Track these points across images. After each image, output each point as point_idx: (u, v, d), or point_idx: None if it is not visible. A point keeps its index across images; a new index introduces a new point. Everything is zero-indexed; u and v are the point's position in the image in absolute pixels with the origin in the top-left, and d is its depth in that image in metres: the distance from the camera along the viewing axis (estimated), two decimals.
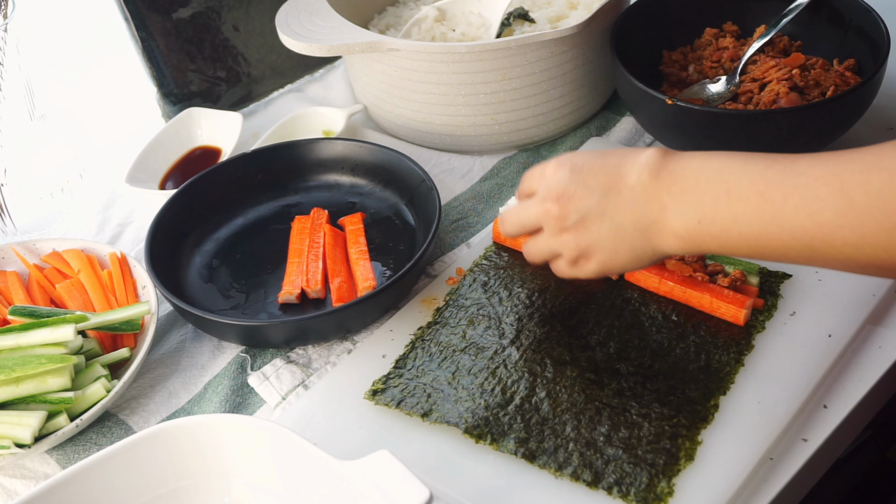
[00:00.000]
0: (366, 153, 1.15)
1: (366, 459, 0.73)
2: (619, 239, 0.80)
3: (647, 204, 0.78)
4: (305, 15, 1.20)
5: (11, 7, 1.05)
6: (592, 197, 0.80)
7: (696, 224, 0.76)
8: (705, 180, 0.76)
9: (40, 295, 1.03)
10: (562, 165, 0.83)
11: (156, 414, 0.96)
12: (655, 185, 0.78)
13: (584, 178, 0.81)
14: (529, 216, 0.86)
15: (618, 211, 0.79)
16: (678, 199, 0.77)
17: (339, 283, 1.02)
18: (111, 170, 1.28)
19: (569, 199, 0.81)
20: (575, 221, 0.82)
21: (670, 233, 0.78)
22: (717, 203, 0.75)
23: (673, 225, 0.77)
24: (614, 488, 0.80)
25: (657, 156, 0.79)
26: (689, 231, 0.77)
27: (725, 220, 0.75)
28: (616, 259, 0.82)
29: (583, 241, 0.82)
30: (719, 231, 0.75)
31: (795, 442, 0.84)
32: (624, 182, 0.79)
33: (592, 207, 0.80)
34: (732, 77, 1.13)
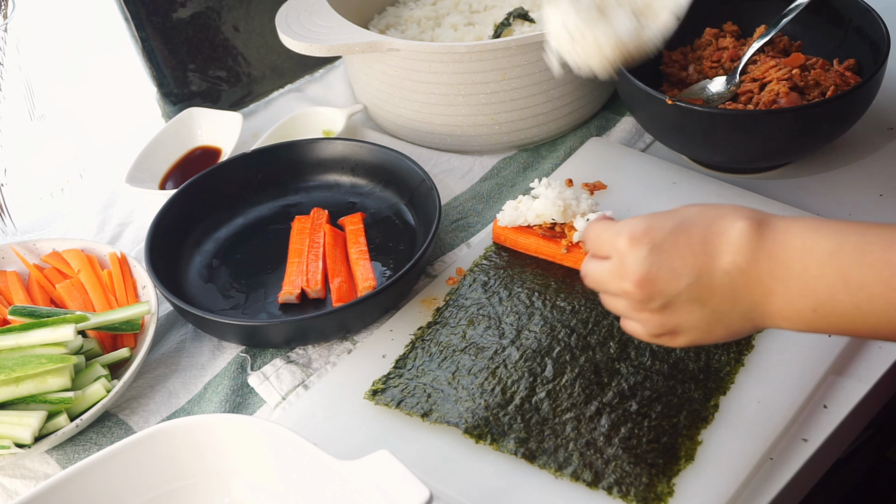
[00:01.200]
0: (366, 153, 1.15)
1: (366, 459, 0.73)
2: (716, 321, 0.72)
3: (747, 289, 0.70)
4: (305, 15, 1.20)
5: (11, 7, 1.05)
6: (680, 282, 0.71)
7: (810, 313, 0.69)
8: (816, 266, 0.68)
9: (40, 295, 1.03)
10: (639, 243, 0.72)
11: (156, 414, 0.96)
12: (755, 269, 0.70)
13: (669, 259, 0.71)
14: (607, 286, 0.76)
15: (713, 297, 0.71)
16: (785, 284, 0.69)
17: (339, 283, 1.02)
18: (111, 170, 1.28)
19: (652, 283, 0.72)
20: (660, 305, 0.72)
21: (779, 316, 0.71)
22: (834, 292, 0.67)
23: (783, 310, 0.70)
24: (614, 488, 0.80)
25: (750, 232, 0.70)
26: (804, 318, 0.70)
27: (847, 309, 0.67)
28: (709, 338, 0.74)
29: (670, 323, 0.73)
30: (840, 321, 0.68)
31: (795, 442, 0.84)
32: (716, 265, 0.71)
33: (682, 293, 0.71)
34: (732, 77, 1.13)
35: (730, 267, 0.70)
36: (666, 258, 0.72)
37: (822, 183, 1.09)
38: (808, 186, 1.09)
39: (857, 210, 1.05)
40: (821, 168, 1.11)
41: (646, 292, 0.72)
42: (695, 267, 0.71)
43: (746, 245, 0.70)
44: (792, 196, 1.08)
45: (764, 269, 0.70)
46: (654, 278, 0.72)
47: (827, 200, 1.07)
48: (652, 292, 0.72)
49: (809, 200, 1.07)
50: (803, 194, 1.08)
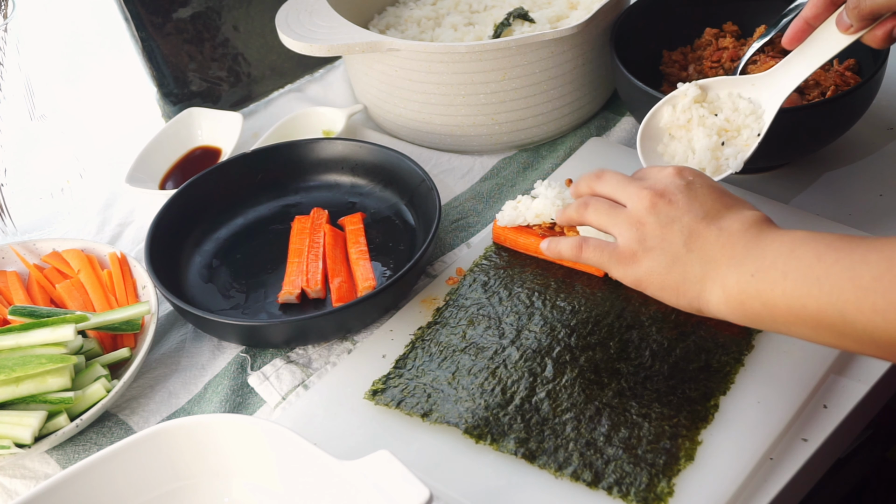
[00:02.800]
0: (366, 153, 1.15)
1: (366, 459, 0.73)
2: (680, 262, 0.80)
3: (721, 248, 0.78)
4: (305, 15, 1.20)
5: (11, 7, 1.05)
6: (689, 214, 0.81)
7: (748, 278, 0.76)
8: (779, 242, 0.76)
9: (40, 295, 1.03)
10: (682, 174, 0.84)
11: (156, 414, 0.96)
12: (738, 237, 0.78)
13: (694, 196, 0.82)
14: (625, 187, 0.85)
15: (698, 238, 0.80)
16: (748, 254, 0.77)
17: (339, 283, 1.02)
18: (111, 170, 1.28)
19: (669, 201, 0.82)
20: (659, 220, 0.81)
21: (721, 284, 0.78)
22: (776, 260, 0.75)
23: (726, 277, 0.77)
24: (614, 488, 0.80)
25: (758, 217, 0.80)
26: (740, 285, 0.76)
27: (775, 275, 0.74)
28: (663, 277, 0.81)
29: (651, 240, 0.81)
30: (766, 287, 0.75)
31: (795, 442, 0.84)
32: (720, 220, 0.80)
33: (681, 221, 0.81)
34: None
35: (727, 226, 0.79)
36: (693, 194, 0.82)
37: (822, 183, 1.09)
38: (808, 186, 1.09)
39: (857, 210, 1.05)
40: (821, 168, 1.11)
41: (658, 204, 0.82)
42: (706, 212, 0.81)
43: (751, 220, 0.79)
44: (792, 196, 1.08)
45: (744, 240, 0.78)
46: (674, 201, 0.82)
47: (827, 200, 1.07)
48: (663, 206, 0.82)
49: (809, 200, 1.07)
50: (803, 194, 1.08)
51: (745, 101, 0.99)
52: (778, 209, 1.04)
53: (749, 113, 0.98)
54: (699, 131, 0.99)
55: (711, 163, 0.97)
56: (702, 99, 1.00)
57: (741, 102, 0.99)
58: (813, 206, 1.06)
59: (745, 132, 0.98)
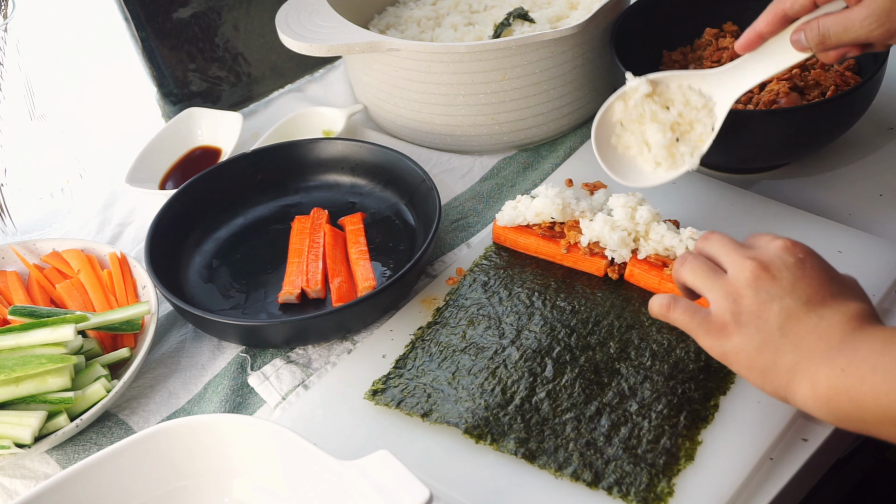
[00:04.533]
0: (366, 153, 1.15)
1: (366, 459, 0.73)
2: (772, 346, 0.76)
3: (817, 339, 0.74)
4: (305, 15, 1.20)
5: (11, 7, 1.05)
6: (791, 295, 0.76)
7: (838, 372, 0.72)
8: (873, 337, 0.73)
9: (40, 295, 1.03)
10: (794, 251, 0.79)
11: (156, 414, 0.96)
12: (836, 329, 0.74)
13: (799, 277, 0.77)
14: (729, 251, 0.81)
15: (795, 323, 0.75)
16: (842, 348, 0.73)
17: (339, 283, 1.02)
18: (111, 170, 1.28)
19: (773, 277, 0.77)
20: (758, 296, 0.77)
21: (811, 378, 0.74)
22: (868, 355, 0.71)
23: (817, 370, 0.73)
24: (614, 488, 0.80)
25: (863, 311, 0.75)
26: (830, 380, 0.73)
27: (865, 371, 0.71)
28: (752, 358, 0.76)
29: (745, 316, 0.77)
30: (855, 383, 0.71)
31: (795, 442, 0.84)
32: (822, 308, 0.76)
33: (782, 302, 0.76)
34: None
35: (827, 316, 0.75)
36: (799, 276, 0.77)
37: (822, 183, 1.09)
38: (808, 186, 1.09)
39: (857, 210, 1.05)
40: (821, 168, 1.11)
41: (760, 278, 0.77)
42: (809, 297, 0.76)
43: (853, 313, 0.75)
44: (792, 196, 1.08)
45: (842, 333, 0.74)
46: (777, 278, 0.77)
47: (827, 200, 1.07)
48: (764, 281, 0.77)
49: (809, 200, 1.07)
50: (803, 194, 1.08)
51: (696, 94, 0.99)
52: (778, 209, 1.04)
53: (701, 106, 0.98)
54: (652, 126, 0.98)
55: (667, 159, 0.97)
56: (653, 93, 0.99)
57: (692, 96, 0.99)
58: (813, 206, 1.06)
59: (699, 127, 0.98)
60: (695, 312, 0.80)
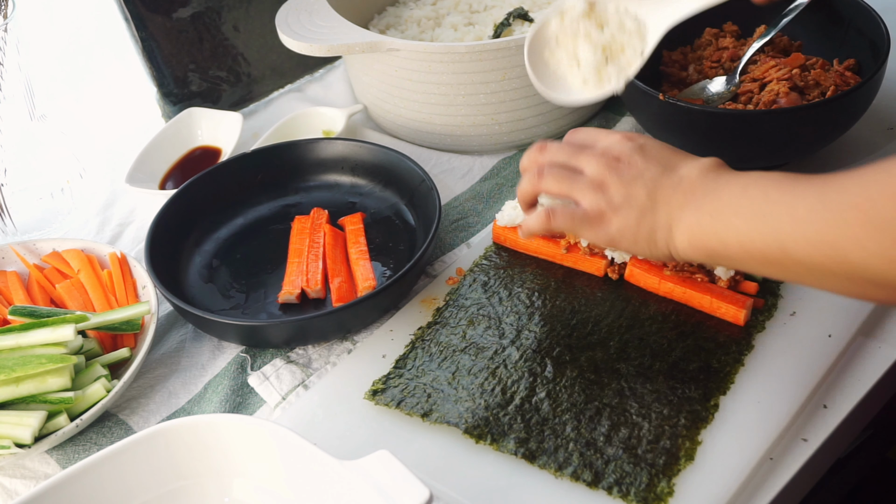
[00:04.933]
0: (366, 153, 1.15)
1: (366, 459, 0.73)
2: (649, 214, 0.82)
3: (682, 194, 0.81)
4: (305, 15, 1.20)
5: (11, 7, 1.05)
6: (647, 171, 0.84)
7: (707, 219, 0.79)
8: (734, 183, 0.79)
9: (40, 295, 1.03)
10: (632, 139, 0.87)
11: (156, 414, 0.96)
12: (697, 182, 0.81)
13: (647, 156, 0.85)
14: (577, 154, 0.88)
15: (660, 189, 0.83)
16: (706, 195, 0.80)
17: (339, 283, 1.02)
18: (111, 170, 1.28)
19: (628, 163, 0.85)
20: (621, 181, 0.84)
21: (684, 227, 0.80)
22: (731, 200, 0.78)
23: (688, 219, 0.80)
24: (614, 488, 0.80)
25: (714, 163, 0.83)
26: (700, 224, 0.79)
27: (728, 215, 0.77)
28: (635, 231, 0.83)
29: (617, 199, 0.83)
30: (722, 226, 0.78)
31: (795, 442, 0.84)
32: (678, 169, 0.83)
33: (643, 177, 0.83)
34: (732, 77, 1.13)
35: (685, 174, 0.83)
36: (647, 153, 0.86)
37: None
38: None
39: None
40: (821, 168, 1.10)
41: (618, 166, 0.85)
42: (665, 163, 0.84)
43: (707, 166, 0.83)
44: None
45: (703, 184, 0.81)
46: (632, 162, 0.85)
47: None
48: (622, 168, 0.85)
49: None
50: None
51: (632, 19, 1.01)
52: None
53: (634, 31, 1.00)
54: (584, 45, 1.00)
55: (595, 79, 0.99)
56: (590, 12, 1.01)
57: (627, 20, 1.01)
58: None
59: (629, 50, 1.00)
60: (573, 213, 0.86)
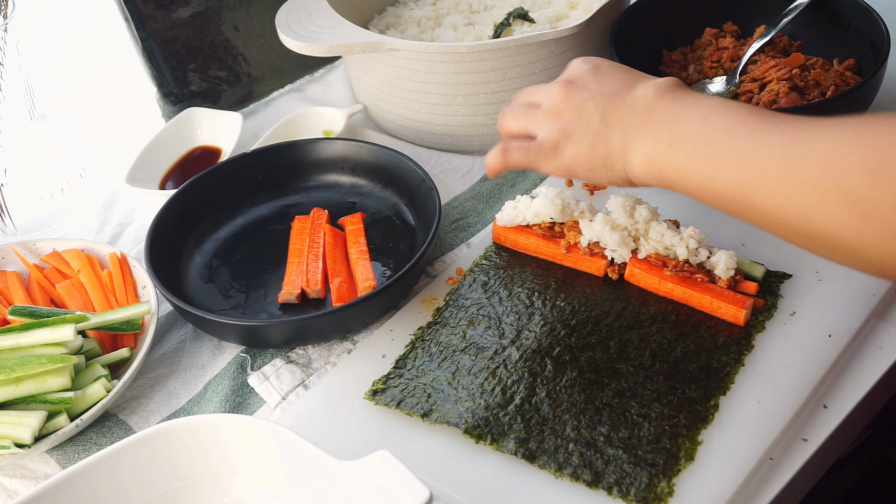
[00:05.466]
0: (366, 153, 1.15)
1: (366, 459, 0.73)
2: (602, 137, 0.81)
3: (638, 115, 0.80)
4: (305, 15, 1.20)
5: (11, 7, 1.05)
6: (600, 91, 0.83)
7: (664, 146, 0.78)
8: (694, 110, 0.77)
9: (40, 295, 1.03)
10: (588, 61, 0.87)
11: (156, 414, 0.96)
12: (654, 104, 0.80)
13: (602, 76, 0.85)
14: (536, 88, 0.88)
15: (614, 110, 0.81)
16: (663, 120, 0.78)
17: (339, 283, 1.02)
18: (111, 170, 1.28)
19: (580, 87, 0.84)
20: (574, 105, 0.83)
21: (641, 152, 0.79)
22: (690, 130, 0.76)
23: (646, 144, 0.79)
24: (614, 488, 0.80)
25: (671, 83, 0.81)
26: (658, 152, 0.78)
27: (687, 147, 0.76)
28: (589, 157, 0.82)
29: (570, 125, 0.83)
30: (679, 156, 0.76)
31: (795, 442, 0.84)
32: (631, 91, 0.82)
33: (595, 99, 0.83)
34: (732, 77, 1.13)
35: (639, 95, 0.81)
36: (601, 75, 0.85)
37: None
38: None
39: None
40: None
41: (570, 91, 0.84)
42: (616, 87, 0.83)
43: (662, 87, 0.81)
44: None
45: (659, 106, 0.79)
46: (584, 84, 0.84)
47: None
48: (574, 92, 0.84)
49: None
50: None
51: None
52: None
53: None
54: None
55: None
56: None
57: None
58: None
59: None
60: (528, 146, 0.86)
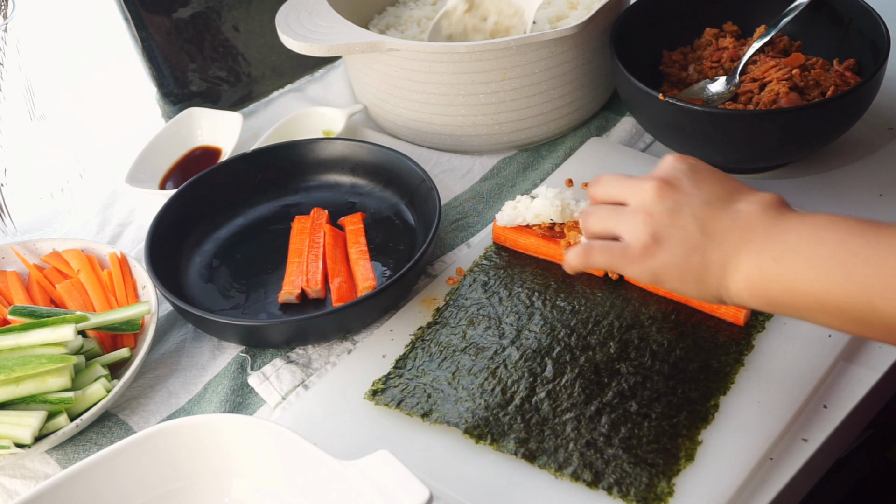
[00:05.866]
0: (366, 153, 1.15)
1: (366, 459, 0.73)
2: (699, 250, 0.75)
3: (740, 231, 0.75)
4: (305, 15, 1.20)
5: (11, 7, 1.05)
6: (698, 197, 0.77)
7: (770, 263, 0.73)
8: (800, 225, 0.73)
9: (40, 295, 1.03)
10: (684, 160, 0.80)
11: (156, 414, 0.96)
12: (757, 220, 0.75)
13: (700, 181, 0.78)
14: (623, 182, 0.81)
15: (714, 222, 0.75)
16: (769, 237, 0.73)
17: (339, 283, 1.02)
18: (111, 170, 1.28)
19: (675, 187, 0.77)
20: (667, 208, 0.77)
21: (743, 270, 0.74)
22: (799, 245, 0.72)
23: (749, 262, 0.74)
24: (614, 488, 0.80)
25: (774, 198, 0.76)
26: (763, 270, 0.73)
27: (798, 261, 0.71)
28: (682, 268, 0.76)
29: (663, 231, 0.76)
30: (788, 273, 0.72)
31: (795, 442, 0.84)
32: (734, 202, 0.76)
33: (693, 206, 0.76)
34: (732, 77, 1.13)
35: (743, 208, 0.76)
36: (700, 178, 0.78)
37: (822, 183, 1.09)
38: (808, 186, 1.09)
39: (858, 210, 1.05)
40: (821, 168, 1.11)
41: (664, 192, 0.77)
42: (717, 194, 0.77)
43: (767, 202, 0.76)
44: (792, 196, 1.07)
45: (763, 222, 0.75)
46: (680, 186, 0.77)
47: (827, 200, 1.07)
48: (669, 193, 0.77)
49: (809, 200, 1.07)
50: (803, 194, 1.08)
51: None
52: None
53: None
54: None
55: None
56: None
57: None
58: (813, 206, 1.06)
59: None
60: (612, 247, 0.79)
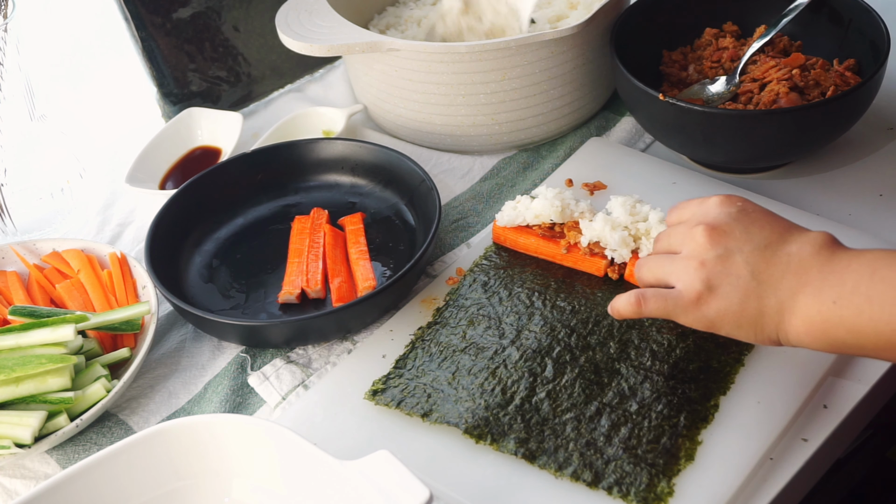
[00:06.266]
0: (366, 153, 1.15)
1: (366, 459, 0.73)
2: (754, 295, 0.75)
3: (794, 275, 0.74)
4: (305, 15, 1.20)
5: (11, 7, 1.05)
6: (749, 243, 0.76)
7: (830, 305, 0.72)
8: (857, 263, 0.72)
9: (40, 295, 1.03)
10: (731, 202, 0.79)
11: (156, 414, 0.96)
12: (811, 262, 0.74)
13: (749, 223, 0.77)
14: (672, 231, 0.81)
15: (766, 267, 0.75)
16: (825, 280, 0.73)
17: (339, 283, 1.02)
18: (111, 170, 1.28)
19: (724, 233, 0.77)
20: (718, 255, 0.77)
21: (801, 314, 0.74)
22: (859, 284, 0.71)
23: (807, 306, 0.73)
24: (614, 488, 0.80)
25: (826, 238, 0.76)
26: (822, 314, 0.72)
27: (859, 301, 0.70)
28: (738, 315, 0.76)
29: (715, 278, 0.76)
30: (851, 314, 0.71)
31: (795, 442, 0.84)
32: (785, 245, 0.76)
33: (744, 252, 0.76)
34: (732, 77, 1.13)
35: (794, 251, 0.75)
36: (748, 222, 0.78)
37: (822, 183, 1.09)
38: (808, 186, 1.09)
39: (857, 210, 1.05)
40: (821, 168, 1.11)
41: (714, 239, 0.77)
42: (767, 238, 0.76)
43: (819, 242, 0.75)
44: (792, 196, 1.08)
45: (817, 263, 0.74)
46: (729, 232, 0.77)
47: (827, 200, 1.07)
48: (719, 240, 0.77)
49: (809, 200, 1.07)
50: (803, 194, 1.08)
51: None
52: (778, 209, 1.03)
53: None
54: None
55: None
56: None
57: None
58: (813, 206, 1.06)
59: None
60: (666, 296, 0.79)
